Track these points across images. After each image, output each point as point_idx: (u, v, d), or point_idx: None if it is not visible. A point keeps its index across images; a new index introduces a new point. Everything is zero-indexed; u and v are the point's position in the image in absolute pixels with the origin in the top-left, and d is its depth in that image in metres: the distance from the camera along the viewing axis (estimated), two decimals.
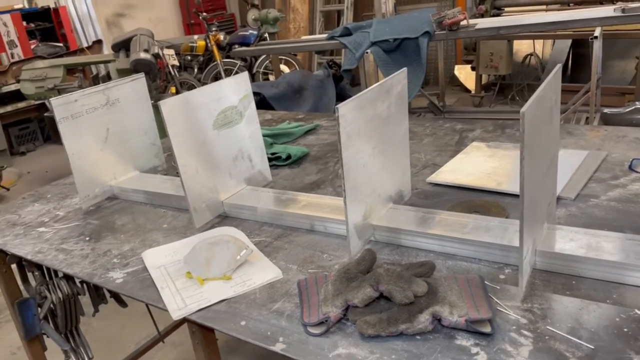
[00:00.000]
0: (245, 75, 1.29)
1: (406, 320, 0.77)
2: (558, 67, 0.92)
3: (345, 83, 5.39)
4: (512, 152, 1.39)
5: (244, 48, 4.90)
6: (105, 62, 4.84)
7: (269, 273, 0.97)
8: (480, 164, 1.34)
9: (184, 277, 0.99)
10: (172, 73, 6.40)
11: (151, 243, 1.16)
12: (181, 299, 0.93)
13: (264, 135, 1.65)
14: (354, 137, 0.96)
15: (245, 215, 1.22)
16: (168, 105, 1.09)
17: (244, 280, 0.96)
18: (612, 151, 1.31)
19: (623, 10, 3.06)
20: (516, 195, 1.13)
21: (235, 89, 1.27)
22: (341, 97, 5.16)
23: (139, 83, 1.44)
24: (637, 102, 4.08)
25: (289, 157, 1.53)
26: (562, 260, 0.86)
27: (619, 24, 3.20)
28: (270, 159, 1.53)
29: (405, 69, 1.12)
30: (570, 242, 0.88)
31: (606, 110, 3.96)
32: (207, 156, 1.21)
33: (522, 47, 4.88)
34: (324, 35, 4.21)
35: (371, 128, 1.00)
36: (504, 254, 0.91)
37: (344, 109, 0.91)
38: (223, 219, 1.24)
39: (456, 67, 5.38)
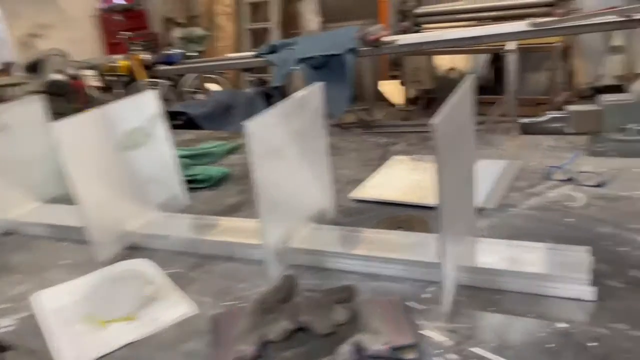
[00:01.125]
0: (152, 93, 1.20)
1: (327, 352, 0.70)
2: (471, 78, 0.90)
3: (277, 100, 5.35)
4: (434, 164, 1.38)
5: (167, 67, 4.75)
6: (14, 85, 4.52)
7: (180, 309, 0.88)
8: (403, 178, 1.32)
9: (83, 320, 0.88)
10: (94, 95, 6.11)
11: (50, 282, 1.03)
12: (78, 347, 0.82)
13: (181, 157, 1.56)
14: (268, 156, 0.89)
15: (157, 244, 1.12)
16: (60, 127, 0.98)
17: (152, 318, 0.86)
18: (529, 159, 1.33)
19: (534, 25, 3.23)
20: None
21: (140, 109, 1.17)
22: None
23: (33, 106, 1.31)
24: (550, 111, 4.34)
25: (209, 178, 1.44)
26: (485, 274, 0.83)
27: (531, 37, 3.38)
28: (188, 182, 1.44)
29: (321, 82, 1.07)
30: (493, 255, 0.86)
31: (524, 119, 4.17)
32: (111, 182, 1.11)
33: (444, 61, 5.06)
34: (251, 53, 4.16)
35: (286, 145, 0.95)
36: (427, 271, 0.87)
37: (254, 125, 0.84)
38: (133, 250, 1.13)
39: (380, 82, 5.49)
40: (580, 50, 4.70)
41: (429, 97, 5.09)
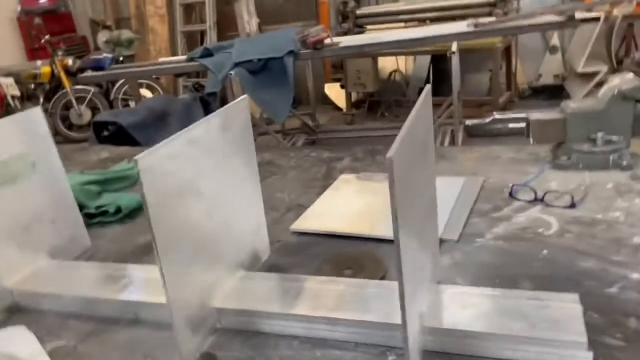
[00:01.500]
0: (35, 111, 0.96)
1: None
2: (427, 90, 0.73)
3: (216, 106, 5.09)
4: (384, 184, 1.20)
5: (93, 73, 4.38)
6: None
7: None
8: (350, 202, 1.14)
9: None
10: (13, 104, 5.59)
11: None
12: None
13: (89, 183, 1.31)
14: (175, 194, 0.69)
15: (44, 305, 0.88)
16: None
17: None
18: (488, 175, 1.19)
19: (475, 26, 3.16)
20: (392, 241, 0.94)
21: (19, 133, 0.93)
22: None
23: None
24: (495, 113, 4.33)
25: (119, 210, 1.21)
26: (457, 337, 0.66)
27: (472, 38, 3.32)
28: (94, 215, 1.20)
29: (245, 96, 0.87)
30: (464, 309, 0.69)
31: (468, 122, 4.13)
32: None
33: (386, 63, 4.96)
34: (185, 57, 3.89)
35: (202, 177, 0.74)
36: (385, 334, 0.69)
37: (149, 160, 0.63)
38: (12, 313, 0.89)
39: (326, 85, 5.34)
40: (520, 51, 4.74)
41: (373, 100, 4.98)
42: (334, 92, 5.21)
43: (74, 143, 4.14)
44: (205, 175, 0.75)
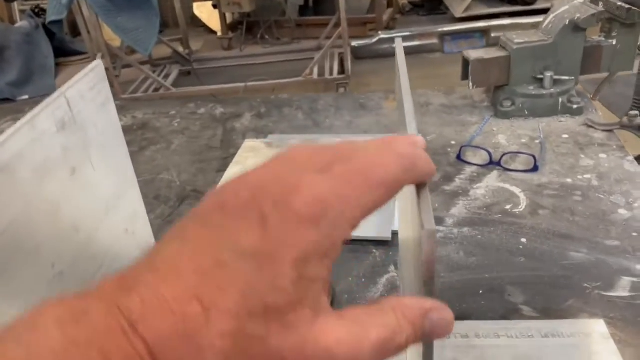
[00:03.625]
0: None
1: None
2: (399, 43, 0.47)
3: (65, 34, 4.29)
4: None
5: None
6: None
7: None
8: None
9: None
10: None
11: None
12: None
13: None
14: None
15: None
16: None
17: None
18: (425, 130, 0.99)
19: None
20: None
21: None
22: (61, 52, 4.07)
23: None
24: (380, 32, 4.14)
25: None
26: None
27: None
28: None
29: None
30: None
31: (354, 43, 3.91)
32: None
33: None
34: None
35: (33, 227, 0.43)
36: None
37: None
38: None
39: (195, 4, 4.73)
40: None
41: (250, 21, 4.52)
42: (206, 12, 4.64)
43: None
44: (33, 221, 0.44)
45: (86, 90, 0.50)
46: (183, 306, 0.21)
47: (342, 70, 3.17)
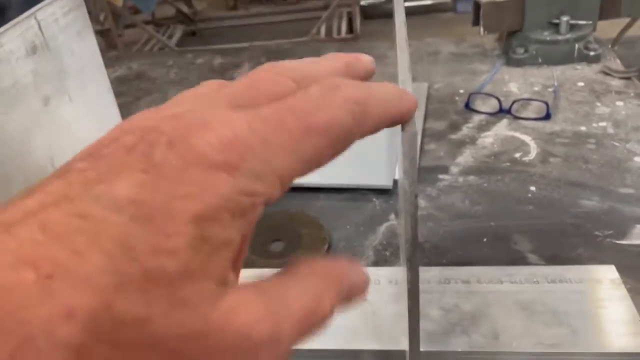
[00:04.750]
0: None
1: None
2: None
3: None
4: None
5: None
6: None
7: None
8: None
9: None
10: None
11: None
12: None
13: None
14: None
15: None
16: None
17: None
18: (432, 79, 0.94)
19: None
20: (339, 189, 0.68)
21: None
22: None
23: None
24: None
25: None
26: None
27: None
28: None
29: None
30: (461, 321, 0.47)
31: (363, 1, 3.79)
32: None
33: None
34: None
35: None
36: None
37: None
38: None
39: None
40: None
41: None
42: None
43: None
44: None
45: (60, 14, 0.46)
46: (11, 274, 0.14)
47: (350, 30, 3.08)
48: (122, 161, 0.16)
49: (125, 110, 0.93)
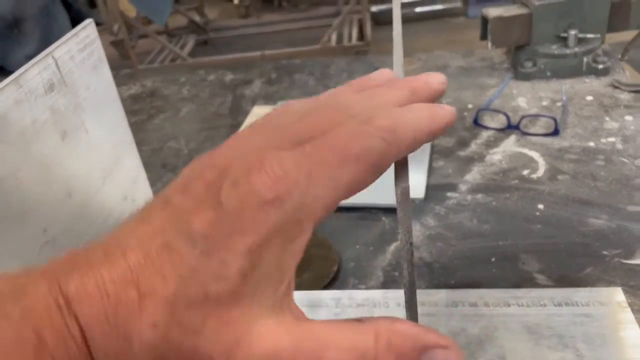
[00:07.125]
0: None
1: None
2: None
3: (81, 5, 4.28)
4: None
5: None
6: None
7: None
8: None
9: None
10: None
11: None
12: None
13: None
14: None
15: None
16: None
17: None
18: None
19: None
20: (348, 208, 0.69)
21: None
22: (78, 23, 4.05)
23: None
24: None
25: None
26: None
27: None
28: None
29: (91, 21, 0.52)
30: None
31: (374, 8, 3.80)
32: None
33: None
34: None
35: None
36: None
37: None
38: None
39: None
40: None
41: None
42: None
43: None
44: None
45: (76, 51, 0.48)
46: (119, 290, 0.19)
47: (361, 37, 3.09)
48: (201, 199, 0.21)
49: (142, 128, 0.96)
